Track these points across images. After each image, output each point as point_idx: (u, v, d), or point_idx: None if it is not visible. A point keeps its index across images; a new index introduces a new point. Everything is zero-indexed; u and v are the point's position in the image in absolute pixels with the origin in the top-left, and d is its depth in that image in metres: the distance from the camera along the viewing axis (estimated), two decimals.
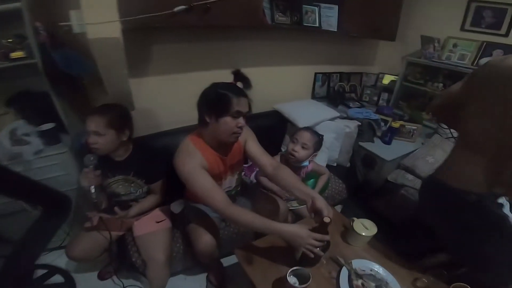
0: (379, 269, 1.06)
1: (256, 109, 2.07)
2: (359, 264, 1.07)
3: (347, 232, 1.22)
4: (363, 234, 1.15)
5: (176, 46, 1.61)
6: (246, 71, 1.17)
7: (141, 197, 1.38)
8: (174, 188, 1.33)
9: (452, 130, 2.01)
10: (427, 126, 2.27)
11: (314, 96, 2.43)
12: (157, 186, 1.37)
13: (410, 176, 1.93)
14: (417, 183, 1.88)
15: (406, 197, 1.82)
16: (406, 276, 1.07)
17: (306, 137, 1.50)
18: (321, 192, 1.71)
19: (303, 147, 1.48)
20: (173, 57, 1.62)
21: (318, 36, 2.19)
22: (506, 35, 1.98)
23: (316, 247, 0.96)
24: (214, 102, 1.06)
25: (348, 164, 2.12)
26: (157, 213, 1.41)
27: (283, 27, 1.82)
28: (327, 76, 2.47)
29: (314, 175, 1.69)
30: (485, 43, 2.06)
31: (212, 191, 1.07)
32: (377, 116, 2.14)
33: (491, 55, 2.03)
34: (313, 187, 1.67)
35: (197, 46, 1.68)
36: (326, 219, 0.96)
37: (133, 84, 1.41)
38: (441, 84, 2.25)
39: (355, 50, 2.61)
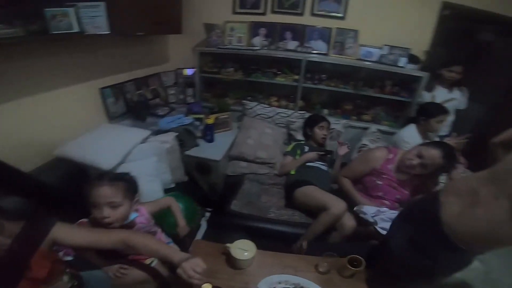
0: (285, 277, 1.06)
1: (28, 165, 1.39)
2: (265, 284, 1.03)
3: (231, 260, 1.11)
4: (245, 257, 1.08)
5: None
6: None
7: None
8: None
9: None
10: (235, 110, 2.40)
11: (111, 117, 1.93)
12: None
13: (243, 163, 2.00)
14: (254, 168, 1.98)
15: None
16: (308, 266, 1.12)
17: (105, 194, 0.98)
18: (191, 219, 1.38)
19: (113, 207, 0.99)
20: None
21: (89, 43, 1.68)
22: (264, 13, 2.27)
23: None
24: None
25: (186, 177, 1.91)
26: None
27: (12, 42, 1.21)
28: (118, 88, 2.01)
29: (163, 213, 1.28)
30: (252, 23, 2.27)
31: None
32: (190, 119, 2.00)
33: (258, 34, 2.33)
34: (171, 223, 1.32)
35: None
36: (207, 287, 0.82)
37: None
38: (232, 69, 2.41)
39: (145, 50, 2.27)
